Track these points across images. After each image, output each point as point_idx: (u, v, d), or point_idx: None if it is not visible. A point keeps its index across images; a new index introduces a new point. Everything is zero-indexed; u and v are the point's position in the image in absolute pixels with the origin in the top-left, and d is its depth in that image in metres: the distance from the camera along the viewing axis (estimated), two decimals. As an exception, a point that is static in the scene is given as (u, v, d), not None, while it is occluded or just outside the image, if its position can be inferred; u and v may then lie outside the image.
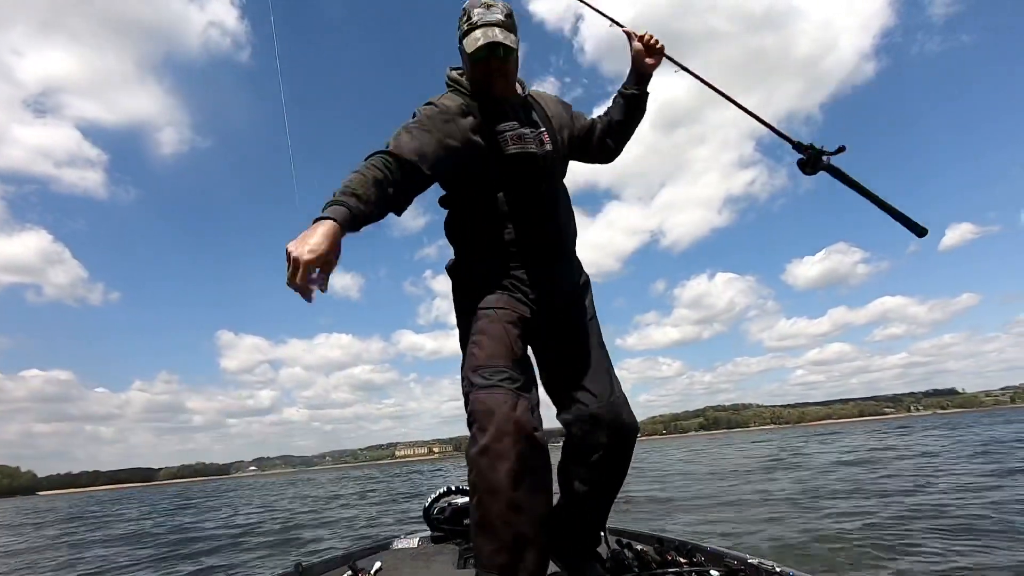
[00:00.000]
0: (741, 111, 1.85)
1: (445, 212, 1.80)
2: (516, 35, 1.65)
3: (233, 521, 10.91)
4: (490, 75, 1.65)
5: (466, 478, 1.44)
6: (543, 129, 1.74)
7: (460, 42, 1.66)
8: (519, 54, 1.69)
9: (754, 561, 1.71)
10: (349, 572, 1.94)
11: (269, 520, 10.13)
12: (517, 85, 1.78)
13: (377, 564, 2.08)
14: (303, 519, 9.86)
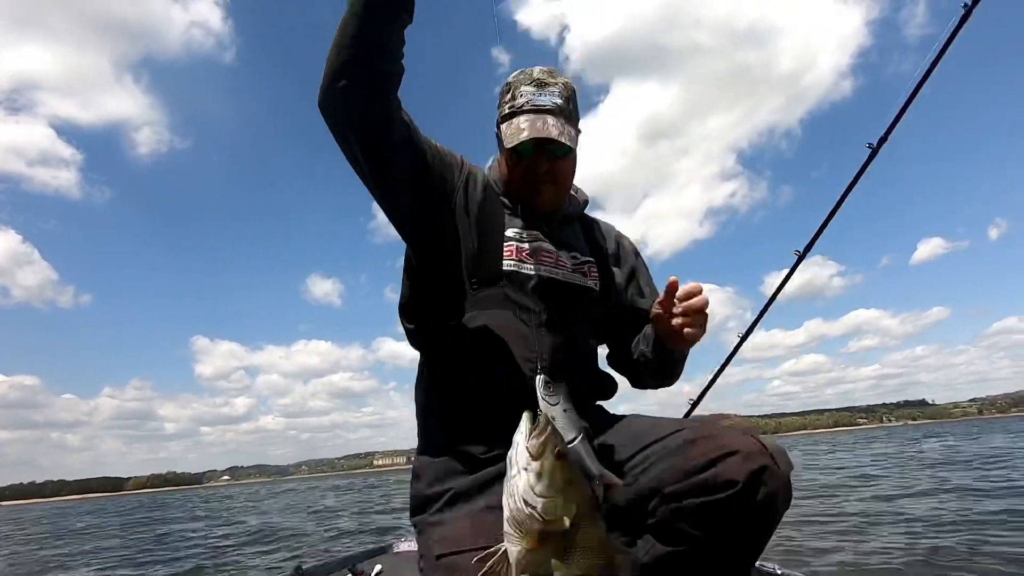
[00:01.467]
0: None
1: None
2: (577, 127, 1.24)
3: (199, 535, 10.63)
4: (535, 180, 1.23)
5: None
6: (590, 260, 1.31)
7: (498, 127, 1.26)
8: (577, 151, 1.24)
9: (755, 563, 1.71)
10: (349, 575, 1.94)
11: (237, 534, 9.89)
12: (571, 196, 1.36)
13: (377, 567, 2.07)
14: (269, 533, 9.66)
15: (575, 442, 0.77)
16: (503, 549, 0.68)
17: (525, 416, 0.73)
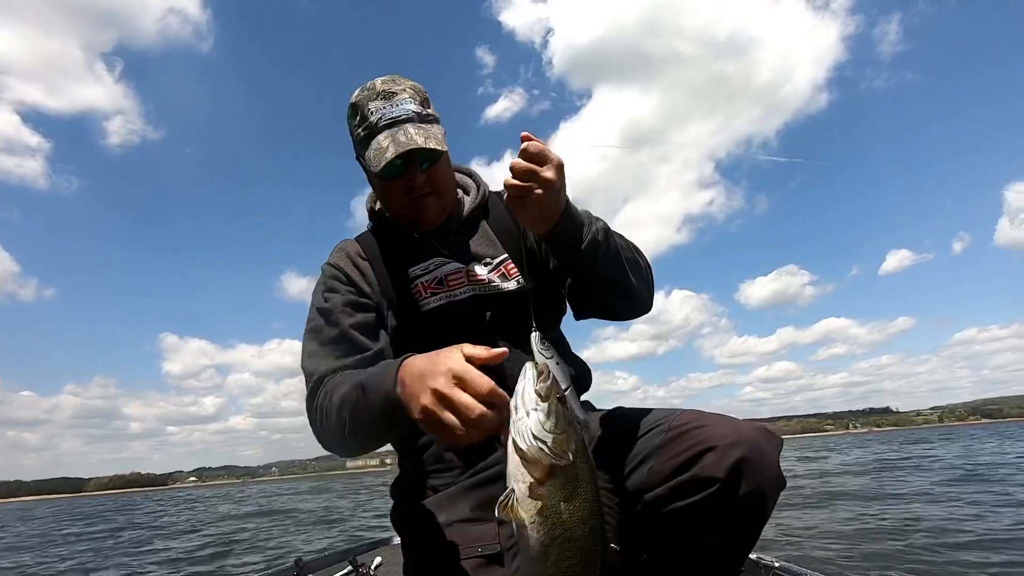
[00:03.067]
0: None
1: None
2: (439, 124, 1.17)
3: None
4: (416, 197, 1.15)
5: None
6: (504, 257, 1.21)
7: (358, 157, 1.18)
8: (447, 150, 1.14)
9: (753, 557, 1.72)
10: (349, 567, 1.94)
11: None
12: (460, 193, 1.28)
13: (378, 559, 2.06)
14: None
15: (567, 391, 0.82)
16: (511, 488, 0.74)
17: (529, 365, 0.78)
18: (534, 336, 0.95)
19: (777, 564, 1.67)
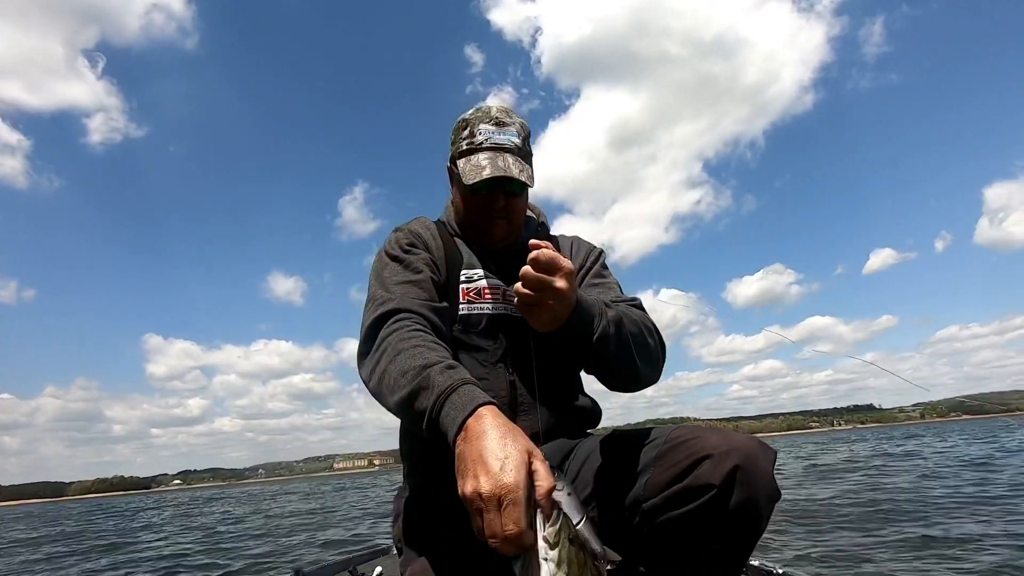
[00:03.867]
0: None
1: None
2: (531, 165, 1.27)
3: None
4: (490, 216, 1.25)
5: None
6: None
7: (454, 162, 1.28)
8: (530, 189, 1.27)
9: (755, 563, 1.69)
10: None
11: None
12: (532, 219, 1.41)
13: (378, 569, 2.05)
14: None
15: (580, 524, 0.78)
16: None
17: (539, 510, 0.76)
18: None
19: (780, 570, 1.63)
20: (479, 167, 1.17)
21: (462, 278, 1.25)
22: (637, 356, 1.10)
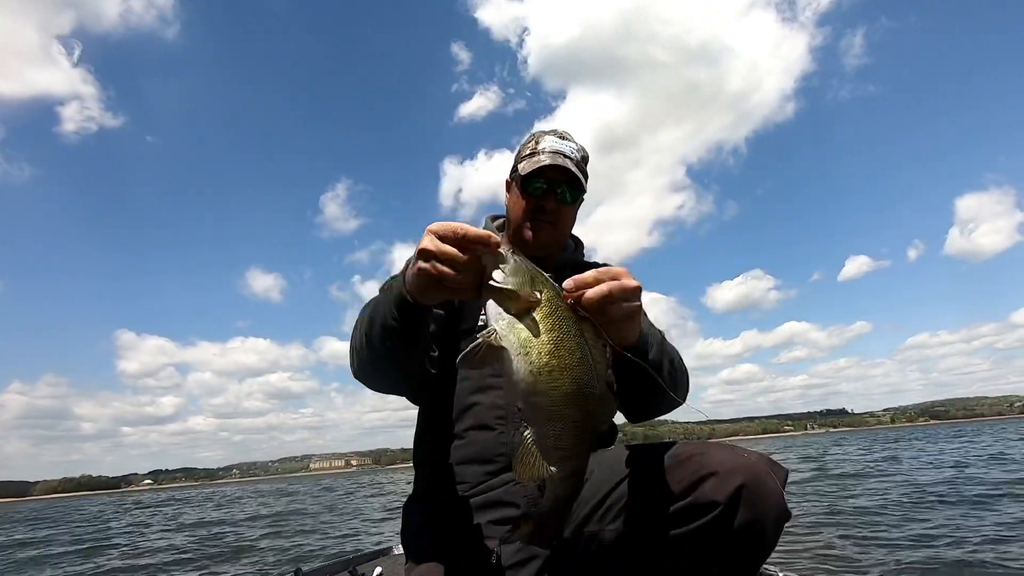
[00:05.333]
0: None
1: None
2: (585, 185, 1.34)
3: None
4: (538, 218, 1.31)
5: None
6: None
7: (516, 167, 1.35)
8: (576, 212, 1.37)
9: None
10: None
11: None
12: (571, 244, 1.45)
13: (378, 570, 2.06)
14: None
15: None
16: (492, 328, 0.78)
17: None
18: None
19: (781, 574, 1.67)
20: (538, 161, 1.27)
21: None
22: (677, 383, 1.10)
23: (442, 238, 0.82)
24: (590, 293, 0.81)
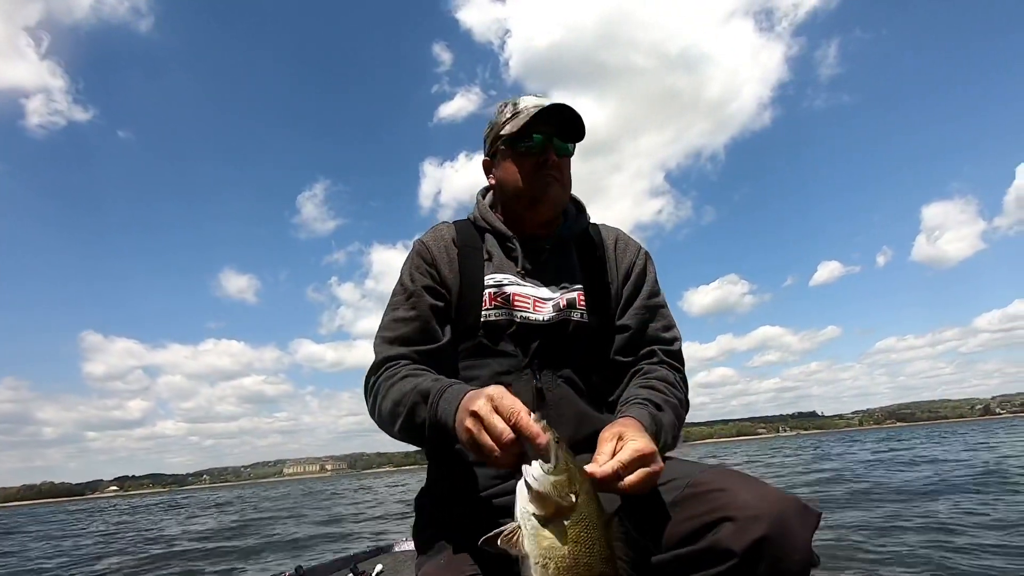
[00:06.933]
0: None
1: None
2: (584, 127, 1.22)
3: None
4: (544, 176, 1.19)
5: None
6: (578, 288, 1.21)
7: (492, 144, 1.26)
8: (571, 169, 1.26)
9: None
10: (351, 575, 2.00)
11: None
12: (570, 209, 1.32)
13: (379, 567, 2.07)
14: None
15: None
16: (518, 524, 0.76)
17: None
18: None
19: None
20: (528, 112, 1.17)
21: (489, 282, 1.19)
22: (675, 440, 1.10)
23: (496, 408, 0.80)
24: (626, 484, 0.80)
